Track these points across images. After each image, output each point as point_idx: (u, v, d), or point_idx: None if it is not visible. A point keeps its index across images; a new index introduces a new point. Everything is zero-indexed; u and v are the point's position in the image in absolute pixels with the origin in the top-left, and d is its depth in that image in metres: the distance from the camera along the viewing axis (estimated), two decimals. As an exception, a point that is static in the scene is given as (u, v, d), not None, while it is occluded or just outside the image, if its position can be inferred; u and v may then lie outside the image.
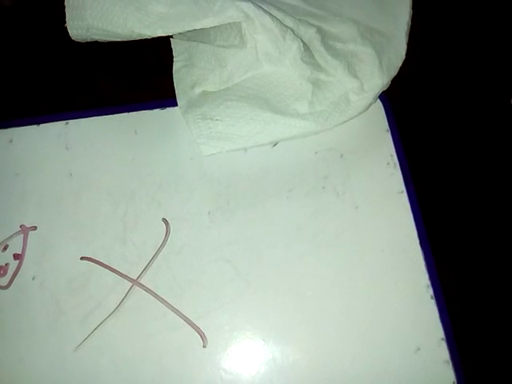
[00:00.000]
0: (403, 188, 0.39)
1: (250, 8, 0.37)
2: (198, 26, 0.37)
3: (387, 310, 0.37)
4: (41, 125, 0.41)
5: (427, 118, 0.43)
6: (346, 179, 0.40)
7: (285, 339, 0.36)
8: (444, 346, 0.36)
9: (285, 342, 0.36)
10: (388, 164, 0.40)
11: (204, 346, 0.36)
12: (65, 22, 0.38)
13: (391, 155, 0.40)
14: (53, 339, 0.36)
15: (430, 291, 0.37)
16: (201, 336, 0.36)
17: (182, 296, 0.37)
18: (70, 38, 0.38)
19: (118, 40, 0.39)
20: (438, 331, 0.36)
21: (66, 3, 0.38)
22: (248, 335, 0.36)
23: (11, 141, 0.41)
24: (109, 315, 0.37)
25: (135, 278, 0.37)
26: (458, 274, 0.38)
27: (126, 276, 0.37)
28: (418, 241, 0.38)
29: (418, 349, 0.35)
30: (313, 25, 0.41)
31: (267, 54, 0.40)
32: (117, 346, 0.36)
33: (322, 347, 0.36)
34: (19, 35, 0.45)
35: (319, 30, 0.41)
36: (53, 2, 0.39)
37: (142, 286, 0.37)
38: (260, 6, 0.38)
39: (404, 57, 0.41)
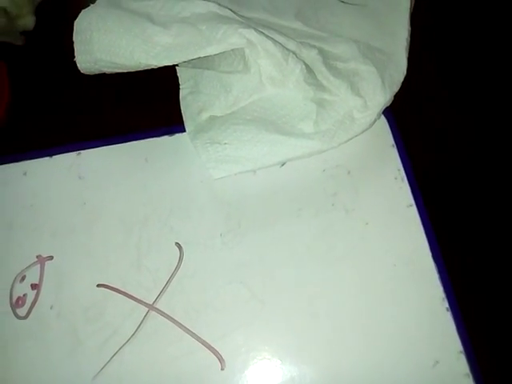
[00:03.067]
0: (412, 201, 0.40)
1: (252, 34, 0.38)
2: (203, 53, 0.38)
3: (402, 324, 0.37)
4: (53, 156, 0.42)
5: (432, 130, 0.43)
6: (355, 195, 0.40)
7: (302, 358, 0.36)
8: (463, 358, 0.35)
9: (302, 362, 0.36)
10: (395, 178, 0.40)
11: (222, 369, 0.36)
12: (74, 57, 0.39)
13: (398, 169, 0.41)
14: (71, 368, 0.37)
15: (446, 304, 0.37)
16: (218, 359, 0.36)
17: (197, 319, 0.37)
18: (79, 70, 0.40)
19: (126, 71, 0.40)
20: (456, 344, 0.36)
21: (74, 39, 0.39)
22: (265, 356, 0.36)
23: (25, 173, 0.42)
24: (126, 342, 0.37)
25: (151, 303, 0.38)
26: (472, 285, 0.38)
27: (142, 301, 0.38)
28: (430, 253, 0.38)
29: (437, 362, 0.35)
30: (314, 46, 0.42)
31: (271, 77, 0.41)
32: (135, 372, 0.36)
33: (338, 365, 0.36)
34: (31, 71, 0.46)
35: (321, 51, 0.42)
36: (62, 39, 0.40)
37: (158, 310, 0.38)
38: (262, 32, 0.39)
39: (405, 72, 0.41)
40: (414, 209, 0.39)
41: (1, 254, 0.40)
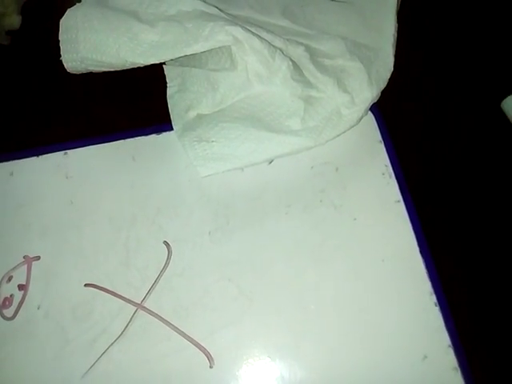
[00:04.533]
0: (400, 197, 0.40)
1: (238, 31, 0.38)
2: (189, 51, 0.38)
3: (391, 319, 0.37)
4: (40, 156, 0.42)
5: (419, 126, 0.43)
6: (343, 192, 0.40)
7: (291, 355, 0.36)
8: (451, 352, 0.35)
9: (291, 359, 0.36)
10: (383, 174, 0.40)
11: (211, 367, 0.36)
12: (60, 56, 0.39)
13: (386, 165, 0.41)
14: (60, 368, 0.36)
15: (434, 298, 0.37)
16: (207, 356, 0.36)
17: (186, 317, 0.37)
18: (65, 70, 0.40)
19: (112, 70, 0.40)
20: (445, 338, 0.36)
21: (60, 38, 0.39)
22: (254, 353, 0.36)
23: (12, 173, 0.42)
24: (114, 340, 0.37)
25: (139, 302, 0.38)
26: (460, 279, 0.38)
27: (130, 300, 0.38)
28: (417, 249, 0.38)
29: (426, 357, 0.35)
30: (301, 43, 0.42)
31: (258, 74, 0.41)
32: (124, 370, 0.36)
33: (328, 361, 0.36)
34: (17, 70, 0.46)
35: (308, 48, 0.42)
36: (48, 38, 0.40)
37: (146, 309, 0.37)
38: (248, 29, 0.39)
39: (392, 69, 0.42)
40: (402, 204, 0.40)
41: (-13, 254, 0.40)
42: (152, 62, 0.39)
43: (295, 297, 0.38)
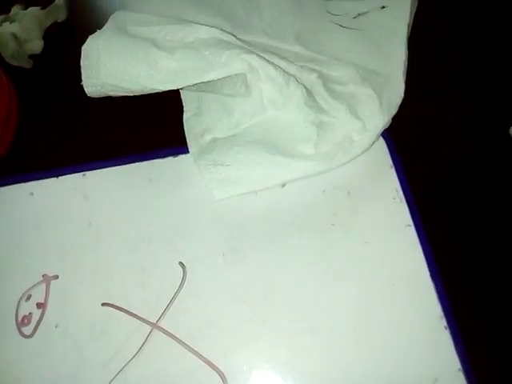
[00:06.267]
0: (410, 221, 0.40)
1: (254, 59, 0.40)
2: (206, 78, 0.40)
3: (402, 342, 0.37)
4: (59, 177, 0.43)
5: (429, 152, 0.44)
6: (354, 215, 0.41)
7: (303, 377, 0.37)
8: (462, 376, 0.36)
9: (304, 380, 0.37)
10: (394, 199, 0.41)
11: (225, 387, 0.37)
12: (80, 80, 0.40)
13: (396, 190, 0.42)
14: (76, 386, 0.37)
15: (444, 322, 0.37)
16: (221, 377, 0.37)
17: (200, 337, 0.38)
18: (84, 93, 0.41)
19: (131, 95, 0.42)
20: (455, 362, 0.36)
21: (81, 63, 0.40)
22: (267, 374, 0.37)
23: (32, 194, 0.43)
24: (130, 360, 0.37)
25: (154, 321, 0.38)
26: (470, 303, 0.39)
27: (146, 320, 0.38)
28: (428, 273, 0.39)
29: (436, 380, 0.36)
30: (314, 70, 0.43)
31: (272, 100, 0.42)
32: (139, 390, 0.37)
33: (339, 382, 0.36)
34: (38, 93, 0.48)
35: (320, 75, 0.43)
36: (68, 62, 0.42)
37: (161, 329, 0.38)
38: (263, 57, 0.41)
39: (403, 95, 0.43)
40: (413, 228, 0.40)
41: (7, 273, 0.41)
42: (170, 89, 0.40)
43: (307, 319, 0.38)
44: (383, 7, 0.48)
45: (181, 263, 0.40)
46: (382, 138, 0.43)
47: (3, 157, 0.45)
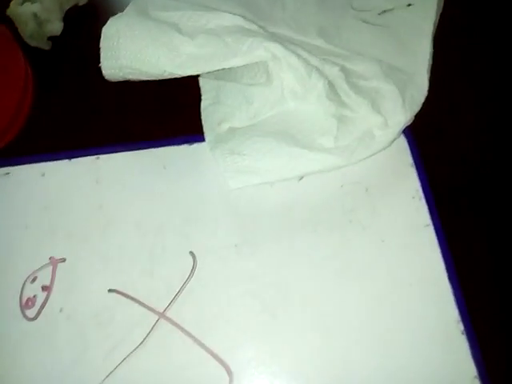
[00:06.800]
0: (429, 221, 0.39)
1: (277, 48, 0.39)
2: (227, 65, 0.39)
3: (417, 346, 0.36)
4: (72, 159, 0.43)
5: (451, 151, 0.43)
6: (372, 213, 0.40)
7: (312, 375, 0.36)
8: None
9: (312, 378, 0.35)
10: (413, 197, 0.40)
11: (230, 382, 0.35)
12: (98, 63, 0.40)
13: (416, 189, 0.40)
14: (78, 373, 0.36)
15: (461, 326, 0.36)
16: (227, 371, 0.36)
17: (208, 329, 0.37)
18: (102, 77, 0.40)
19: (150, 79, 0.41)
20: (471, 368, 0.35)
21: (101, 45, 0.40)
22: (274, 370, 0.36)
23: (43, 174, 0.42)
24: (134, 349, 0.36)
25: (162, 311, 0.37)
26: (488, 308, 0.38)
27: (153, 309, 0.37)
28: (446, 274, 0.38)
29: (451, 387, 0.34)
30: (337, 63, 0.43)
31: (293, 91, 0.41)
32: (142, 380, 0.36)
33: (350, 383, 0.35)
34: (55, 74, 0.47)
35: (343, 69, 0.42)
36: (87, 45, 0.41)
37: (168, 319, 0.37)
38: (286, 46, 0.40)
39: (426, 93, 0.42)
40: (431, 229, 0.39)
41: (14, 253, 0.40)
42: (190, 74, 0.40)
43: (319, 316, 0.37)
44: (409, 5, 0.47)
45: (191, 253, 0.39)
46: (403, 136, 0.42)
47: (17, 137, 0.44)
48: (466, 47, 0.48)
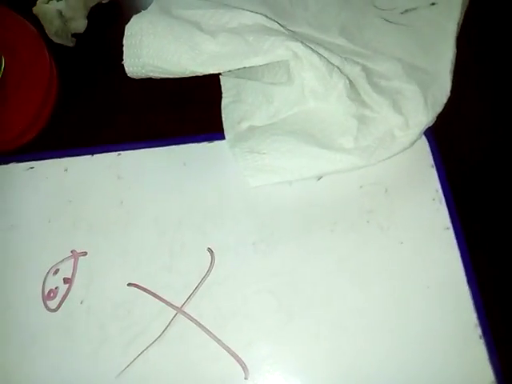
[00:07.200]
0: (449, 224, 0.39)
1: (298, 47, 0.39)
2: (248, 64, 0.39)
3: (433, 348, 0.36)
4: (94, 155, 0.43)
5: (473, 153, 0.43)
6: (391, 214, 0.40)
7: (327, 374, 0.36)
8: (495, 389, 0.34)
9: (327, 378, 0.36)
10: (433, 200, 0.40)
11: (245, 378, 0.36)
12: (121, 60, 0.40)
13: (436, 191, 0.40)
14: (96, 364, 0.37)
15: (479, 331, 0.36)
16: (242, 367, 0.36)
17: (224, 326, 0.37)
18: (125, 74, 0.41)
19: (171, 77, 0.41)
20: (488, 373, 0.35)
21: (124, 42, 0.40)
22: (290, 368, 0.36)
23: (66, 170, 0.43)
24: (152, 342, 0.37)
25: (179, 306, 0.38)
26: (507, 313, 0.37)
27: (171, 304, 0.38)
28: (465, 278, 0.37)
29: (468, 390, 0.34)
30: (358, 63, 0.42)
31: (313, 91, 0.41)
32: (158, 373, 0.37)
33: (366, 384, 0.35)
34: (78, 71, 0.48)
35: (364, 68, 0.42)
36: (110, 43, 0.42)
37: (185, 314, 0.38)
38: (308, 45, 0.40)
39: (449, 94, 0.41)
40: (451, 232, 0.39)
41: (37, 246, 0.41)
42: (211, 72, 0.40)
43: (335, 316, 0.37)
44: (433, 4, 0.47)
45: (209, 249, 0.39)
46: (424, 137, 0.42)
47: (41, 132, 0.45)
48: (487, 51, 0.48)
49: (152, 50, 0.40)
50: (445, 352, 0.36)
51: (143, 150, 0.43)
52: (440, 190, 0.40)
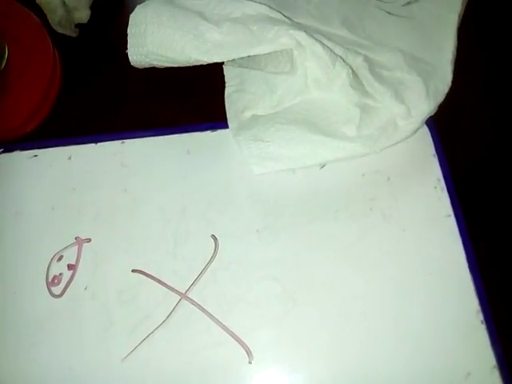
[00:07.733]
0: (451, 212, 0.39)
1: (302, 36, 0.39)
2: (252, 52, 0.39)
3: (436, 334, 0.36)
4: (98, 143, 0.43)
5: (474, 142, 0.43)
6: (393, 202, 0.40)
7: (330, 360, 0.36)
8: (496, 373, 0.35)
9: (331, 363, 0.36)
10: (435, 188, 0.40)
11: (250, 362, 0.36)
12: (124, 49, 0.40)
13: (438, 179, 0.41)
14: (101, 349, 0.37)
15: (480, 316, 0.36)
16: (247, 352, 0.36)
17: (228, 311, 0.37)
18: (129, 63, 0.41)
19: (175, 66, 0.41)
20: (490, 358, 0.35)
21: (128, 31, 0.40)
22: (294, 353, 0.36)
23: (70, 158, 0.43)
24: (156, 327, 0.37)
25: (184, 291, 0.38)
26: (509, 298, 0.38)
27: (175, 289, 0.38)
28: (466, 265, 0.38)
29: (469, 374, 0.35)
30: (360, 53, 0.43)
31: (316, 80, 0.41)
32: (163, 358, 0.37)
33: (369, 370, 0.36)
34: (82, 61, 0.48)
35: (366, 59, 0.42)
36: (113, 32, 0.42)
37: (190, 299, 0.38)
38: (311, 35, 0.40)
39: (450, 84, 0.41)
40: (453, 219, 0.39)
41: (41, 233, 0.41)
42: (215, 61, 0.40)
43: (339, 302, 0.38)
44: (434, -4, 0.47)
45: (213, 236, 0.40)
46: (425, 126, 0.42)
47: (45, 120, 0.45)
48: (488, 42, 0.48)
49: (156, 39, 0.40)
50: (447, 338, 0.36)
51: (147, 138, 0.43)
52: (441, 179, 0.40)
